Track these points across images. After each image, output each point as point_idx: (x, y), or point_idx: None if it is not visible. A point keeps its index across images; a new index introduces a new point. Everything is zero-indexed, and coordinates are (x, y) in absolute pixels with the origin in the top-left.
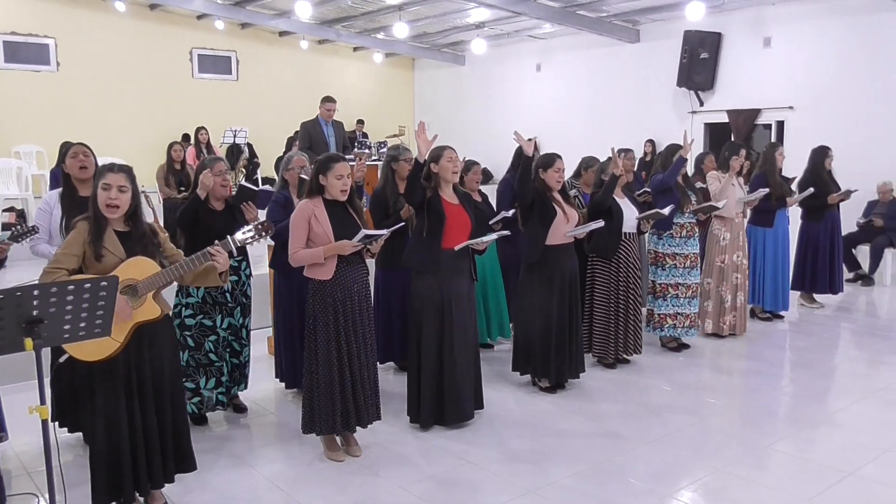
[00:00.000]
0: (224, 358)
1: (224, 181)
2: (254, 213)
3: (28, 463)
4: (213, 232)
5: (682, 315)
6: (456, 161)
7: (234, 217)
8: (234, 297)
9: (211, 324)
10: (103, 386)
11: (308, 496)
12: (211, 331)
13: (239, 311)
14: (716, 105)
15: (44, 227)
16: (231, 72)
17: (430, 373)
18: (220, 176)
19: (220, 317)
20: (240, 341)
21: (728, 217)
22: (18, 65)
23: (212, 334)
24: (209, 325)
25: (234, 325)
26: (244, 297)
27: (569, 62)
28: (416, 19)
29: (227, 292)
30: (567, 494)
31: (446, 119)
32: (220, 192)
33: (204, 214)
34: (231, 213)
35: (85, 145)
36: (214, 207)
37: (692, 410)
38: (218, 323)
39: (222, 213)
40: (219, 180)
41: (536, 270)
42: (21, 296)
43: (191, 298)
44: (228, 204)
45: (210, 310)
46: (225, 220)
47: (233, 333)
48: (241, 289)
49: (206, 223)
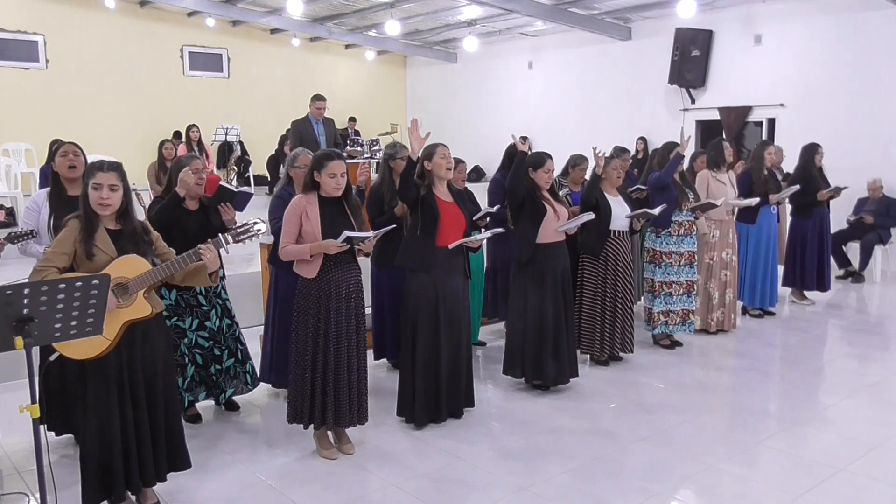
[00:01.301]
0: (194, 361)
1: (200, 179)
2: (231, 215)
3: (18, 462)
4: (186, 231)
5: (674, 312)
6: (449, 158)
7: (208, 217)
8: (207, 299)
9: (183, 326)
10: (95, 384)
11: (301, 494)
12: (182, 333)
13: (215, 313)
14: (707, 102)
15: (32, 226)
16: (222, 69)
17: (424, 371)
18: (196, 174)
19: (191, 319)
20: (220, 346)
21: (717, 217)
22: (7, 62)
23: (184, 336)
24: (181, 328)
25: (212, 329)
26: (219, 300)
27: (560, 60)
28: (408, 17)
29: (200, 294)
30: (560, 491)
31: (438, 117)
32: (196, 190)
33: (178, 214)
34: (205, 213)
35: (75, 144)
36: (188, 207)
37: (684, 408)
38: (189, 325)
39: (196, 213)
40: (195, 178)
41: (528, 269)
42: (11, 294)
43: (164, 301)
44: (203, 204)
45: (182, 312)
46: (199, 220)
47: (212, 338)
48: (214, 290)
49: (179, 223)
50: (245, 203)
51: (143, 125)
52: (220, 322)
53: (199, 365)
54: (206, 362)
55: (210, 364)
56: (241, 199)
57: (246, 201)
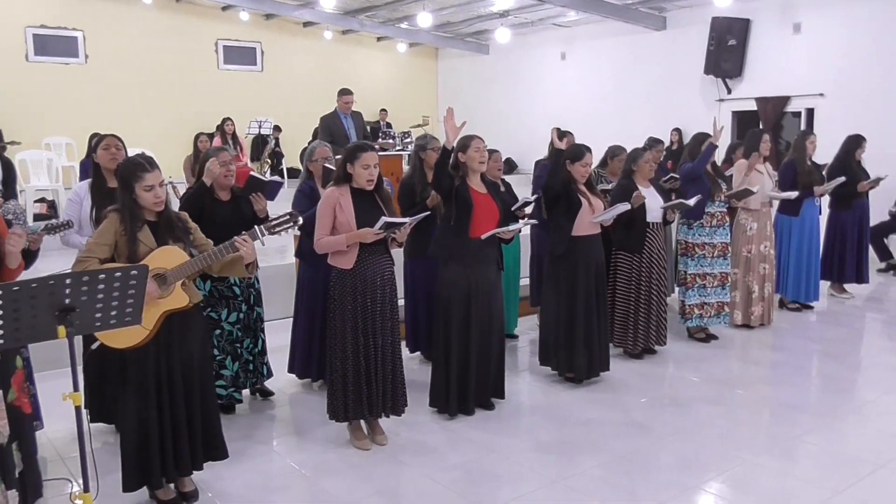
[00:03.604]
0: (227, 352)
1: (228, 171)
2: (262, 205)
3: (61, 449)
4: (217, 222)
5: (708, 304)
6: (483, 151)
7: (239, 208)
8: (241, 290)
9: (217, 317)
10: (134, 373)
11: (335, 484)
12: (215, 324)
13: (245, 304)
14: (744, 93)
15: (74, 218)
16: (256, 63)
17: (456, 362)
18: (224, 166)
19: (227, 311)
20: (249, 335)
21: (754, 208)
22: (48, 57)
23: (216, 328)
24: (214, 319)
25: (243, 319)
26: (252, 290)
27: (594, 50)
28: (440, 8)
29: (235, 284)
30: (593, 484)
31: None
32: (225, 182)
33: (209, 204)
34: (237, 203)
35: (117, 137)
36: (220, 198)
37: (719, 401)
38: (224, 317)
39: (228, 204)
40: (223, 170)
41: (562, 261)
42: (54, 284)
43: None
44: (235, 194)
45: (216, 303)
46: (230, 211)
47: (242, 328)
48: (247, 280)
49: (210, 213)
50: (276, 192)
51: (178, 118)
52: (252, 311)
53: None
54: (241, 352)
55: (243, 354)
56: (272, 189)
57: (277, 190)
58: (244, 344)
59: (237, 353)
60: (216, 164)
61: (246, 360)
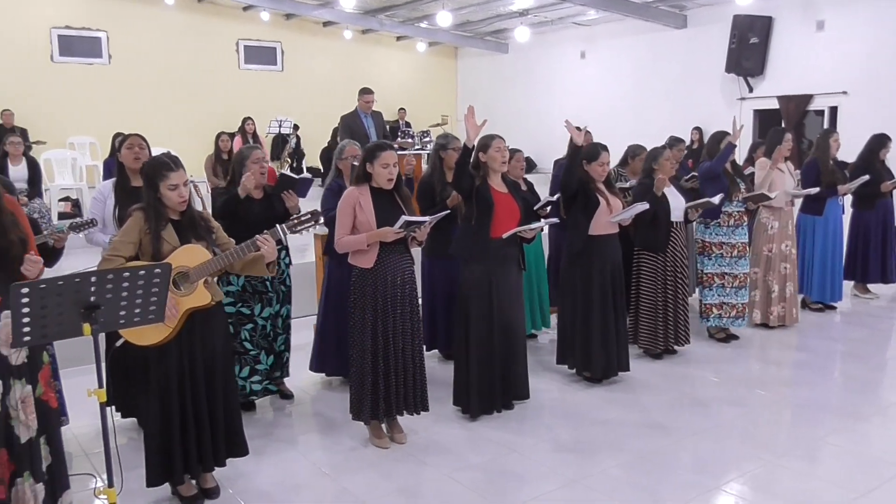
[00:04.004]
0: (262, 347)
1: (262, 168)
2: (294, 202)
3: (86, 445)
4: (251, 220)
5: (728, 305)
6: (504, 150)
7: (272, 205)
8: (273, 286)
9: (249, 312)
10: (157, 370)
11: (354, 482)
12: (248, 319)
13: (276, 300)
14: (766, 91)
15: (98, 216)
16: (276, 62)
17: (477, 362)
18: (257, 164)
19: (260, 306)
20: (276, 330)
21: (776, 206)
22: (72, 58)
23: (248, 322)
24: (247, 314)
25: (272, 314)
26: (283, 287)
27: (614, 49)
28: (460, 7)
29: (267, 281)
30: (613, 484)
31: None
32: (259, 180)
33: (243, 203)
34: (270, 201)
35: (141, 136)
36: (253, 196)
37: (740, 402)
38: (256, 312)
39: (261, 202)
40: (256, 168)
41: (579, 261)
42: (79, 282)
43: (231, 287)
44: (267, 192)
45: (249, 298)
46: (263, 209)
47: (271, 320)
48: (279, 278)
49: (244, 212)
50: (307, 189)
51: (199, 118)
52: (281, 308)
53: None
54: (272, 347)
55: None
56: (303, 186)
57: (307, 187)
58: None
59: (271, 347)
60: (251, 179)
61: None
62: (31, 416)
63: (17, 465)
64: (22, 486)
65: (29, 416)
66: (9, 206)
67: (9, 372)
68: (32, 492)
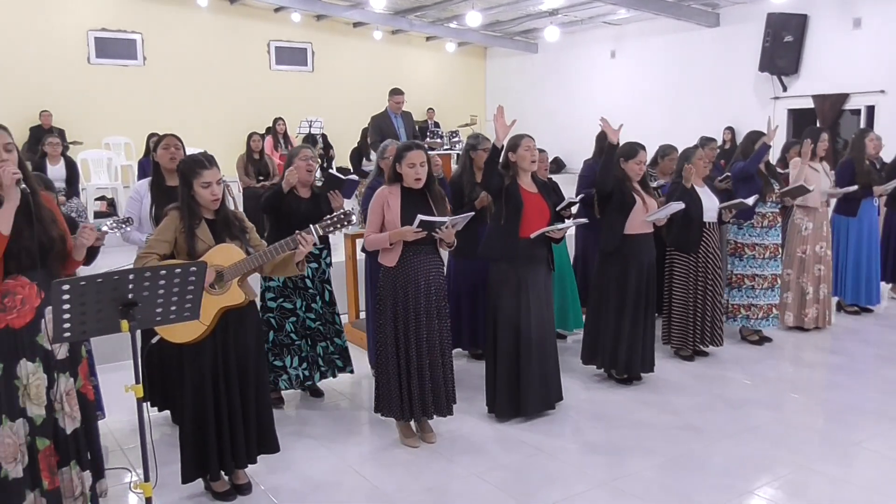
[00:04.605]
0: (303, 336)
1: (309, 167)
2: (340, 202)
3: (121, 439)
4: (297, 218)
5: (756, 306)
6: (534, 150)
7: (318, 205)
8: (313, 283)
9: (291, 307)
10: (191, 367)
11: (384, 480)
12: (291, 313)
13: (320, 298)
14: (800, 90)
15: (134, 215)
16: (307, 63)
17: (506, 363)
18: (305, 162)
19: (300, 300)
20: (326, 326)
21: (811, 206)
22: (108, 60)
23: (291, 316)
24: (289, 308)
25: (318, 311)
26: (325, 285)
27: (644, 48)
28: (489, 7)
29: (308, 278)
30: (644, 487)
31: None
32: (306, 178)
33: (290, 201)
34: (317, 200)
35: (176, 137)
36: (300, 194)
37: (773, 405)
38: (298, 305)
39: (308, 201)
40: (304, 166)
41: (613, 260)
42: (118, 280)
43: (273, 282)
44: (314, 192)
45: (290, 293)
46: (309, 208)
47: (318, 318)
48: (320, 276)
49: (290, 210)
50: (353, 190)
51: (231, 118)
52: (327, 307)
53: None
54: (315, 342)
55: (317, 343)
56: (349, 187)
57: (353, 188)
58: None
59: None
60: (294, 175)
61: (321, 350)
62: (74, 407)
63: (61, 456)
64: (69, 474)
65: (73, 408)
66: (47, 203)
67: (54, 366)
68: (79, 479)
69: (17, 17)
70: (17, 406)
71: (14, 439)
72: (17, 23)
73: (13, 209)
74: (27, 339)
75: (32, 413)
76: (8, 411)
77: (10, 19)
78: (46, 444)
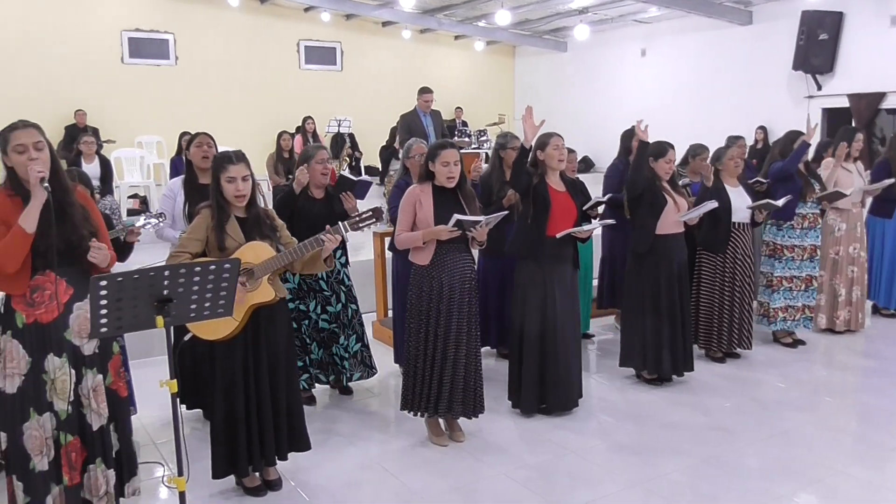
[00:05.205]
0: (314, 339)
1: (325, 169)
2: (352, 203)
3: (154, 434)
4: (310, 219)
5: (793, 308)
6: (562, 149)
7: (332, 206)
8: (328, 284)
9: (305, 309)
10: (223, 365)
11: (413, 478)
12: (305, 315)
13: (335, 298)
14: (835, 89)
15: (168, 213)
16: (336, 62)
17: (532, 360)
18: (321, 164)
19: (314, 303)
20: (344, 331)
21: (843, 207)
22: (141, 59)
23: (305, 319)
24: (304, 311)
25: (334, 313)
26: (342, 286)
27: (675, 46)
28: (519, 6)
29: (322, 279)
30: (675, 489)
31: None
32: (321, 180)
33: (303, 202)
34: (330, 201)
35: (209, 135)
36: (314, 195)
37: (807, 408)
38: (311, 308)
39: (321, 202)
40: (319, 168)
41: (645, 260)
42: (154, 276)
43: (288, 284)
44: (328, 192)
45: (305, 295)
46: (323, 209)
47: (334, 321)
48: (335, 277)
49: (304, 210)
50: (365, 191)
51: (261, 117)
52: (346, 308)
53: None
54: (328, 344)
55: (331, 345)
56: (362, 188)
57: (366, 190)
58: (339, 341)
59: (322, 340)
60: (304, 174)
61: (340, 356)
62: (101, 404)
63: (88, 452)
64: (94, 472)
65: (100, 405)
66: (80, 199)
67: (81, 361)
68: (104, 477)
69: (53, 18)
70: (44, 400)
71: (41, 433)
72: (53, 24)
73: (38, 207)
74: (55, 334)
75: (58, 408)
76: (36, 405)
77: (46, 20)
78: (71, 440)
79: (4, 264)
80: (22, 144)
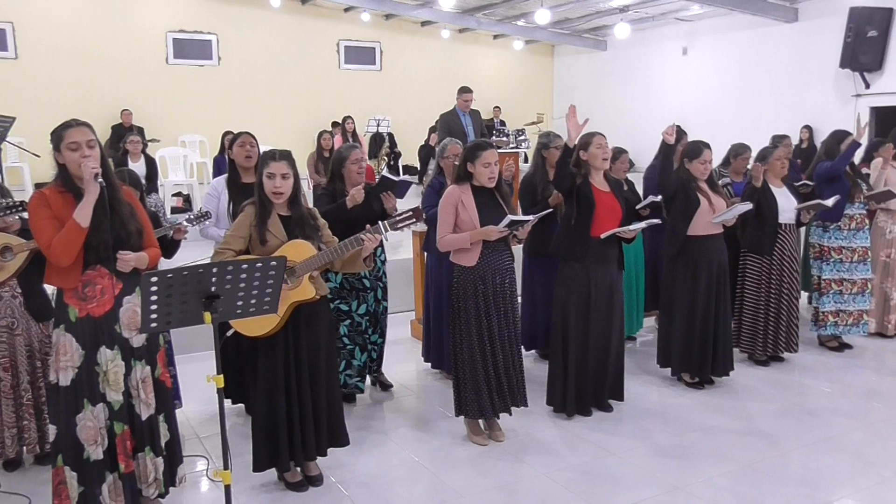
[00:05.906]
0: (357, 343)
1: (360, 168)
2: (392, 203)
3: (197, 428)
4: (350, 219)
5: (845, 312)
6: (605, 148)
7: (370, 205)
8: (370, 283)
9: (347, 308)
10: (265, 361)
11: (452, 477)
12: (346, 315)
13: (372, 296)
14: (885, 87)
15: (213, 211)
16: (375, 62)
17: (575, 361)
18: (356, 164)
19: (357, 302)
20: (375, 326)
21: (894, 209)
22: (185, 60)
23: (346, 318)
24: (345, 310)
25: (370, 310)
26: (380, 283)
27: (718, 45)
28: (558, 4)
29: (364, 277)
30: (717, 494)
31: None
32: (357, 179)
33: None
34: (368, 201)
35: (251, 135)
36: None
37: (855, 414)
38: (353, 308)
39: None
40: (354, 168)
41: (679, 261)
42: (202, 273)
43: (329, 283)
44: (366, 192)
45: (347, 295)
46: (362, 208)
47: (369, 318)
48: (375, 273)
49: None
50: (405, 191)
51: (301, 117)
52: (379, 303)
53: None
54: (364, 345)
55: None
56: (402, 188)
57: (406, 189)
58: (370, 335)
59: (365, 345)
60: (361, 193)
61: (370, 350)
62: (150, 394)
63: (138, 441)
64: (144, 460)
65: (148, 395)
66: (127, 198)
67: (131, 354)
68: (153, 465)
69: (100, 20)
70: (97, 391)
71: (95, 423)
72: (100, 25)
73: (92, 203)
74: (106, 327)
75: (111, 398)
76: (90, 396)
77: (93, 22)
78: (124, 429)
79: (60, 258)
80: (76, 142)
